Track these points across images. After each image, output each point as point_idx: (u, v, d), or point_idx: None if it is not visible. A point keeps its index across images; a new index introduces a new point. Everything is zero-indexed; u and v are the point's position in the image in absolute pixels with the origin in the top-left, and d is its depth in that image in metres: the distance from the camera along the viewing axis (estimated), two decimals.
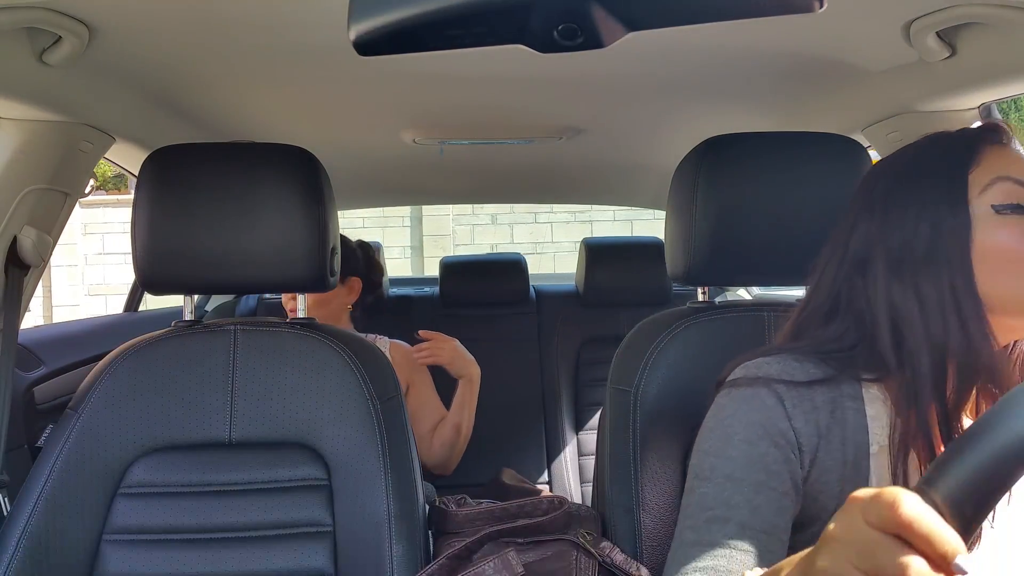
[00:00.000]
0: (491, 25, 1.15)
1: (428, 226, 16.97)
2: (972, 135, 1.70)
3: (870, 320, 1.68)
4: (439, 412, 3.85)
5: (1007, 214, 1.59)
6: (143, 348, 2.40)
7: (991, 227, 1.59)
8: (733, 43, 2.28)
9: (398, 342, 3.93)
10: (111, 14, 1.96)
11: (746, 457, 1.62)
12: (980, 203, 1.61)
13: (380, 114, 3.08)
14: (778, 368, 1.69)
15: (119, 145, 2.76)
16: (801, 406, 1.64)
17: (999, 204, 1.59)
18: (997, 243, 1.59)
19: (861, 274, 1.71)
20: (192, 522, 2.26)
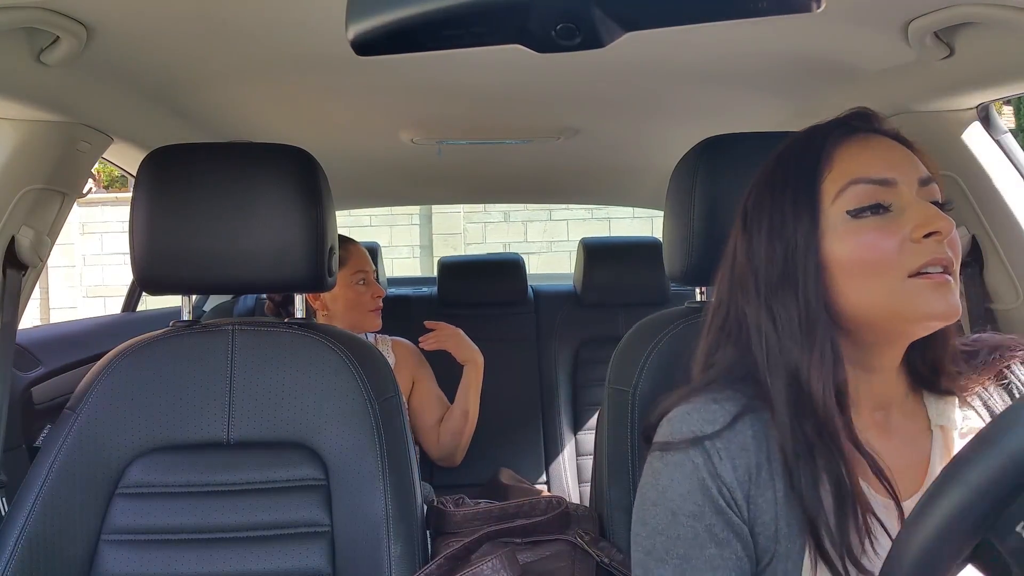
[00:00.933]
0: (489, 25, 1.15)
1: (438, 224, 16.43)
2: (823, 135, 1.68)
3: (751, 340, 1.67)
4: (444, 405, 3.92)
5: (865, 216, 1.56)
6: (141, 348, 2.40)
7: (847, 235, 1.57)
8: (731, 43, 2.28)
9: (400, 339, 3.99)
10: (109, 14, 1.96)
11: (694, 535, 1.58)
12: (835, 211, 1.59)
13: (378, 114, 3.09)
14: (699, 418, 1.64)
15: (117, 145, 2.76)
16: (729, 454, 1.59)
17: (852, 209, 1.57)
18: (852, 251, 1.56)
19: (741, 291, 1.69)
20: (190, 522, 2.26)
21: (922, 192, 1.58)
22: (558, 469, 4.75)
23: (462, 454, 3.92)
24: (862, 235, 1.55)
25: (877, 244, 1.54)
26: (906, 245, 1.53)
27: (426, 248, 16.14)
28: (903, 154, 1.63)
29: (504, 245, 15.81)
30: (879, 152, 1.62)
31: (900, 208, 1.56)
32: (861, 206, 1.56)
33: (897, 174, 1.58)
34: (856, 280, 1.56)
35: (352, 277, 3.77)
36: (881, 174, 1.58)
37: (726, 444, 1.60)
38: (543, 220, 16.07)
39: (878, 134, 1.67)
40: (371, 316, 3.82)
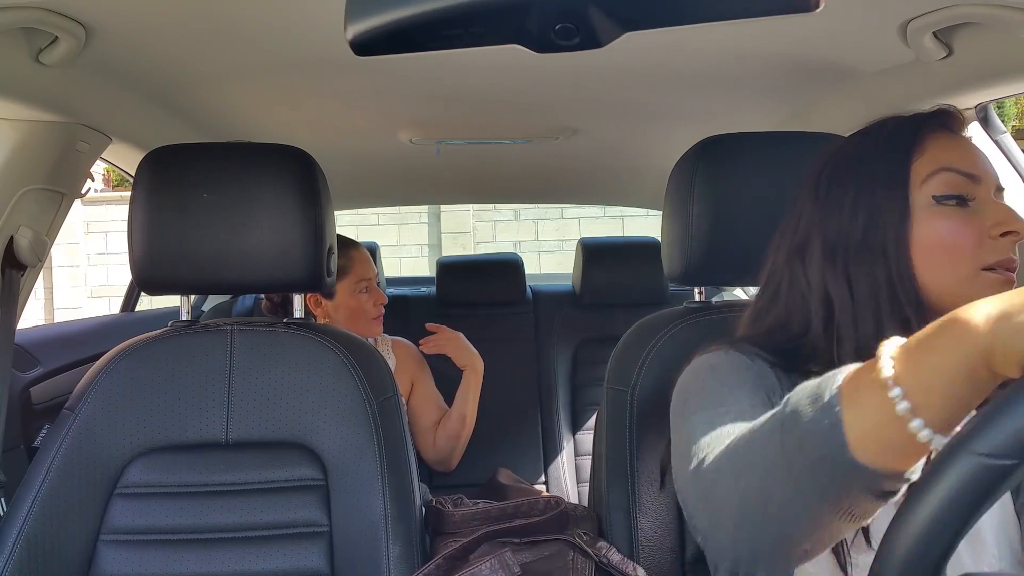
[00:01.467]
0: (488, 25, 1.15)
1: (447, 223, 15.98)
2: (920, 121, 1.70)
3: (807, 308, 1.69)
4: (441, 408, 3.91)
5: (948, 204, 1.60)
6: (140, 348, 2.40)
7: (930, 218, 1.60)
8: (730, 43, 2.28)
9: (401, 340, 3.98)
10: (108, 14, 1.96)
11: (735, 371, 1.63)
12: (922, 193, 1.62)
13: (377, 114, 3.08)
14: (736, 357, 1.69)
15: (116, 145, 2.76)
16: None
17: (939, 195, 1.60)
18: (935, 234, 1.59)
19: (800, 259, 1.72)
20: (189, 522, 2.26)
21: (998, 197, 1.63)
22: (557, 469, 4.74)
23: (457, 458, 3.91)
24: (945, 220, 1.59)
25: (959, 232, 1.58)
26: (984, 239, 1.57)
27: (435, 247, 15.73)
28: (986, 158, 1.67)
29: (515, 244, 15.44)
30: (969, 149, 1.66)
31: (980, 204, 1.60)
32: (948, 193, 1.60)
33: (982, 173, 1.63)
34: (933, 262, 1.60)
35: (355, 286, 3.72)
36: (970, 168, 1.62)
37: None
38: (555, 218, 15.74)
39: (961, 134, 1.71)
40: (373, 324, 3.79)
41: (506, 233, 15.75)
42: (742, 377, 1.62)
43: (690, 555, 2.18)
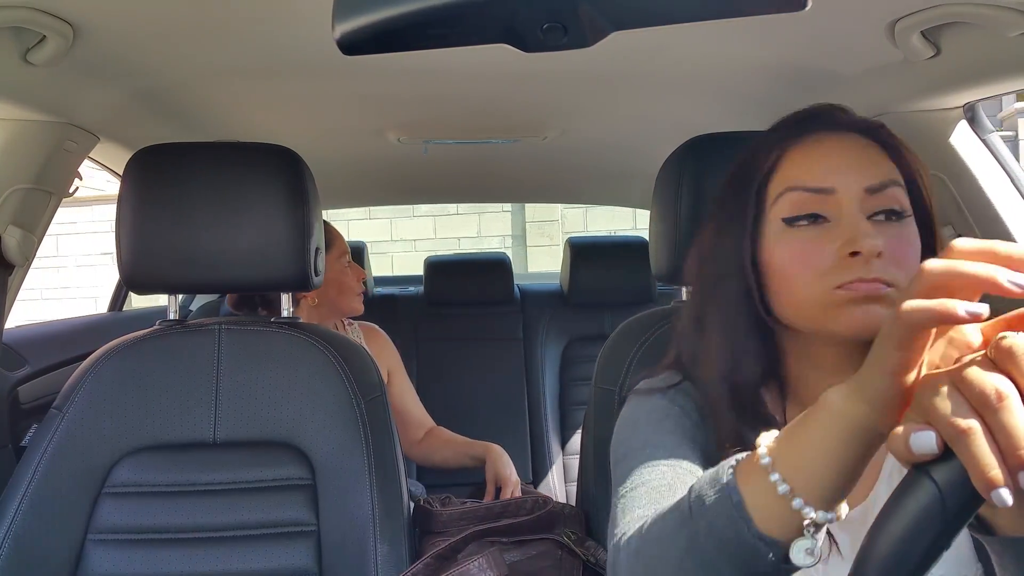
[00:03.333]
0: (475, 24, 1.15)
1: (532, 211, 14.77)
2: (776, 140, 1.69)
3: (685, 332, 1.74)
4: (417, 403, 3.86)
5: (801, 225, 1.57)
6: (128, 348, 2.40)
7: (782, 241, 1.58)
8: (718, 42, 2.28)
9: (368, 325, 3.95)
10: (96, 14, 1.96)
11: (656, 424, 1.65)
12: (773, 216, 1.60)
13: (364, 113, 3.08)
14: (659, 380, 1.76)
15: (103, 145, 2.76)
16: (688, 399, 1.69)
17: (787, 217, 1.57)
18: (784, 257, 1.58)
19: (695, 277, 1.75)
20: (176, 522, 2.26)
21: (869, 201, 1.56)
22: (544, 468, 4.75)
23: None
24: (794, 244, 1.56)
25: (806, 256, 1.55)
26: (835, 260, 1.52)
27: (519, 238, 14.91)
28: (854, 158, 1.60)
29: (609, 232, 14.02)
30: (824, 157, 1.61)
31: (836, 219, 1.55)
32: (795, 215, 1.57)
33: (837, 182, 1.56)
34: (785, 286, 1.58)
35: (339, 260, 3.68)
36: (819, 183, 1.57)
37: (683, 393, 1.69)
38: None
39: (838, 133, 1.65)
40: (358, 300, 3.77)
41: (598, 221, 14.62)
42: (662, 428, 1.64)
43: None
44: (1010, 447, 0.83)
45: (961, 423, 0.86)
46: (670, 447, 1.58)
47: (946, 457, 0.89)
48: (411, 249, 14.71)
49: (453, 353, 5.04)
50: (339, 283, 3.65)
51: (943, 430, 0.88)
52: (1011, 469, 0.83)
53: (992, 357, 0.89)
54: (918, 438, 0.90)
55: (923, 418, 0.91)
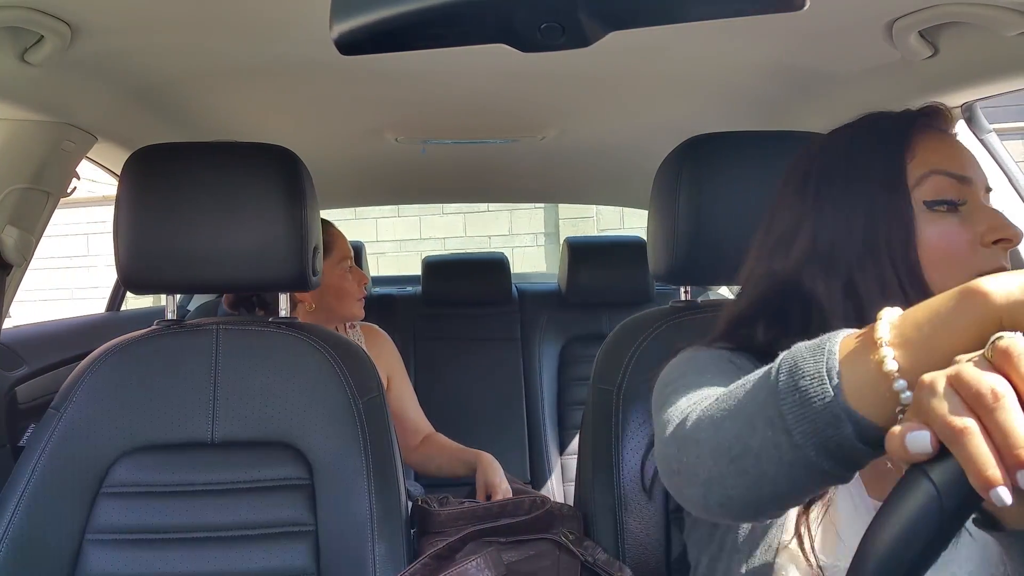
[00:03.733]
0: (473, 24, 1.15)
1: (566, 208, 14.14)
2: (910, 119, 1.68)
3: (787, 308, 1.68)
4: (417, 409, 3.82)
5: (940, 211, 1.58)
6: (125, 347, 2.40)
7: (925, 223, 1.58)
8: (716, 42, 2.28)
9: (369, 326, 3.92)
10: (93, 14, 1.96)
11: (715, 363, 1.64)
12: (913, 197, 1.60)
13: (362, 113, 3.08)
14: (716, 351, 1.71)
15: (101, 144, 2.75)
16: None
17: (931, 200, 1.58)
18: (930, 238, 1.58)
19: (784, 259, 1.70)
20: (174, 522, 2.26)
21: (986, 199, 1.61)
22: (542, 468, 4.75)
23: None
24: (939, 225, 1.58)
25: (953, 237, 1.57)
26: (977, 246, 1.56)
27: (551, 235, 14.41)
28: (975, 159, 1.64)
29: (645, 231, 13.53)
30: (959, 149, 1.64)
31: (972, 208, 1.58)
32: (939, 198, 1.59)
33: (974, 174, 1.61)
34: (934, 268, 1.57)
35: (339, 264, 3.63)
36: (962, 171, 1.60)
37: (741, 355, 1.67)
38: None
39: (950, 134, 1.68)
40: (358, 306, 3.70)
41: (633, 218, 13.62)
42: (721, 368, 1.62)
43: (676, 554, 2.18)
44: (1007, 446, 0.84)
45: (957, 422, 0.86)
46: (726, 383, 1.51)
47: (943, 457, 0.89)
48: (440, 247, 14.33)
49: (451, 353, 5.04)
50: (337, 288, 3.61)
51: (940, 430, 0.88)
52: (1009, 468, 0.84)
53: (988, 357, 0.89)
54: (914, 438, 0.90)
55: (920, 418, 0.91)
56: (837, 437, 1.09)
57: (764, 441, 1.18)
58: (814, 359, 1.14)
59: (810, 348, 1.16)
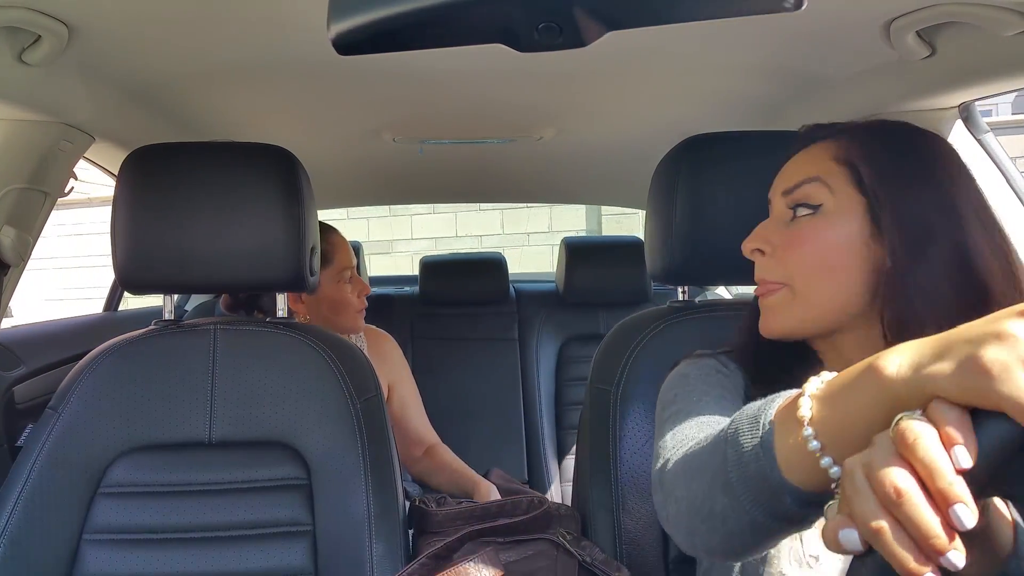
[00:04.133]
0: (470, 24, 1.15)
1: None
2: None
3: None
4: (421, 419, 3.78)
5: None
6: (123, 347, 2.40)
7: None
8: (714, 42, 2.28)
9: (374, 329, 3.86)
10: (91, 14, 1.96)
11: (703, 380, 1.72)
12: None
13: (360, 113, 3.08)
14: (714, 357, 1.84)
15: (99, 144, 2.75)
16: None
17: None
18: None
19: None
20: (172, 522, 2.26)
21: (786, 202, 1.69)
22: (540, 468, 4.75)
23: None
24: None
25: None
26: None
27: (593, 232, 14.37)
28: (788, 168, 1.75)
29: None
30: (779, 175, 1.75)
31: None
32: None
33: (772, 193, 1.74)
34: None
35: (338, 275, 3.56)
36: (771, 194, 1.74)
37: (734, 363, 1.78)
38: None
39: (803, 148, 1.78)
40: (357, 317, 3.64)
41: None
42: (711, 382, 1.70)
43: (673, 554, 2.18)
44: (921, 537, 0.87)
45: (873, 524, 0.89)
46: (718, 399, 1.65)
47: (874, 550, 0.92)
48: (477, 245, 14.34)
49: (449, 353, 5.04)
50: (333, 301, 3.55)
51: (860, 529, 0.91)
52: (929, 556, 0.87)
53: (892, 439, 0.92)
54: (845, 537, 0.93)
55: (846, 512, 0.94)
56: (781, 507, 1.16)
57: (724, 506, 1.26)
58: (751, 432, 1.22)
59: (749, 419, 1.24)
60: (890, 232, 1.57)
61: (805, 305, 1.62)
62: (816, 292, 1.62)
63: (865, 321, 1.63)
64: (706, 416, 1.57)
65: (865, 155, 1.64)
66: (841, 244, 1.60)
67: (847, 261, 1.61)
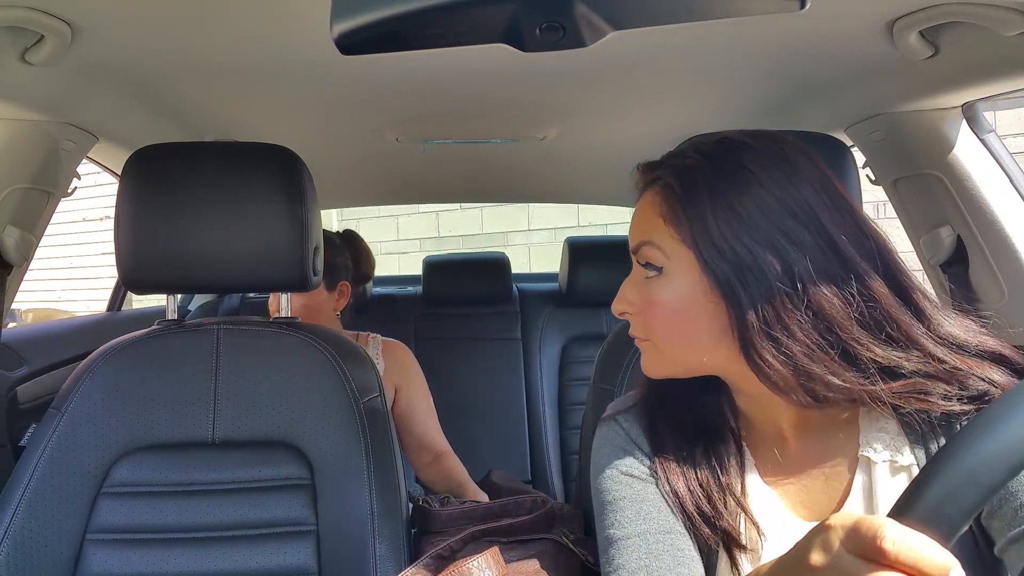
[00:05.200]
0: (473, 24, 1.15)
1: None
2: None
3: None
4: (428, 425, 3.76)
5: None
6: (126, 348, 2.40)
7: None
8: (717, 42, 2.28)
9: (391, 340, 3.88)
10: (94, 14, 1.96)
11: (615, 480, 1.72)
12: None
13: (362, 113, 3.08)
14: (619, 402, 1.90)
15: (102, 144, 2.75)
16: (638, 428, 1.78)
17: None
18: None
19: None
20: (175, 521, 2.27)
21: (637, 258, 1.71)
22: (543, 468, 4.75)
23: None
24: None
25: None
26: None
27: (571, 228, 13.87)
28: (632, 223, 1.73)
29: None
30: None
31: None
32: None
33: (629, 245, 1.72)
34: None
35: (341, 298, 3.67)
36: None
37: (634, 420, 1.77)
38: None
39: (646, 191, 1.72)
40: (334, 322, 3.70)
41: None
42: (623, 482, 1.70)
43: None
44: None
45: None
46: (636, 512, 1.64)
47: None
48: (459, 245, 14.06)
49: (451, 353, 5.03)
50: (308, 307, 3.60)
51: None
52: None
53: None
54: None
55: None
56: None
57: None
58: None
59: None
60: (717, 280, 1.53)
61: (671, 358, 1.63)
62: (676, 348, 1.61)
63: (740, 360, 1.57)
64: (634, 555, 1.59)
65: (676, 206, 1.59)
66: (684, 302, 1.57)
67: (695, 317, 1.57)
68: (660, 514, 1.61)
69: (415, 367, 3.86)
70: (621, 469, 1.70)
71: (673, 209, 1.58)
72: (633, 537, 1.59)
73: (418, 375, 3.85)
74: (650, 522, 1.60)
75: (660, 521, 1.60)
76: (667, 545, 1.57)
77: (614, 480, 1.69)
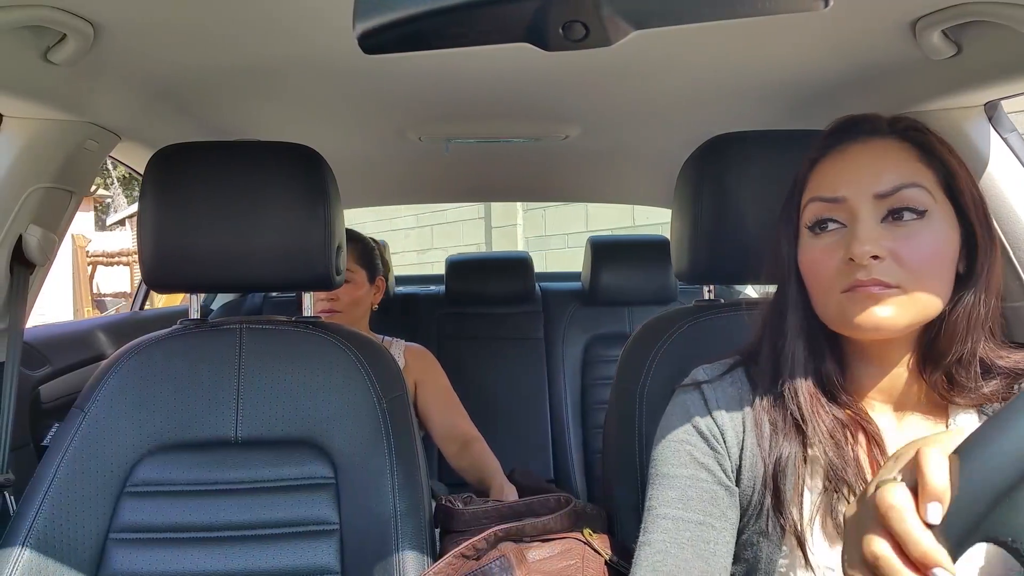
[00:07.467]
0: (496, 23, 1.15)
1: None
2: (810, 153, 1.79)
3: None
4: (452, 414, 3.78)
5: (820, 232, 1.66)
6: (149, 346, 2.41)
7: (807, 248, 1.69)
8: (739, 42, 2.27)
9: (412, 345, 3.91)
10: (116, 13, 1.96)
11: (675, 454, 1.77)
12: (802, 225, 1.72)
13: (385, 112, 3.08)
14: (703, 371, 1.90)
15: (125, 144, 2.76)
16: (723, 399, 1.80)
17: (810, 224, 1.68)
18: (806, 263, 1.69)
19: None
20: (198, 520, 2.27)
21: (880, 205, 1.63)
22: (566, 467, 4.75)
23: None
24: (813, 251, 1.68)
25: (819, 261, 1.67)
26: (841, 265, 1.62)
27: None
28: (867, 166, 1.67)
29: None
30: (840, 168, 1.70)
31: (851, 225, 1.63)
32: (813, 223, 1.68)
33: (848, 191, 1.65)
34: (811, 290, 1.70)
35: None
36: (831, 192, 1.66)
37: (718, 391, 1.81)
38: None
39: (862, 141, 1.73)
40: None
41: None
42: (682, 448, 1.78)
43: None
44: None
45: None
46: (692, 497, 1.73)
47: None
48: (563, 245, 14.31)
49: (474, 352, 5.05)
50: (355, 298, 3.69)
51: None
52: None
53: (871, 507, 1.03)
54: None
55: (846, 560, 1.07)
56: None
57: None
58: None
59: None
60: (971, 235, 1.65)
61: (922, 304, 1.60)
62: (929, 292, 1.60)
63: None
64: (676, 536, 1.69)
65: (936, 157, 1.68)
66: (946, 249, 1.62)
67: (949, 265, 1.63)
68: (701, 503, 1.69)
69: (435, 364, 3.90)
70: (685, 446, 1.77)
71: (933, 160, 1.67)
72: (668, 519, 1.72)
73: (438, 370, 3.89)
74: (689, 510, 1.68)
75: (699, 511, 1.69)
76: (695, 536, 1.66)
77: (674, 454, 1.77)
